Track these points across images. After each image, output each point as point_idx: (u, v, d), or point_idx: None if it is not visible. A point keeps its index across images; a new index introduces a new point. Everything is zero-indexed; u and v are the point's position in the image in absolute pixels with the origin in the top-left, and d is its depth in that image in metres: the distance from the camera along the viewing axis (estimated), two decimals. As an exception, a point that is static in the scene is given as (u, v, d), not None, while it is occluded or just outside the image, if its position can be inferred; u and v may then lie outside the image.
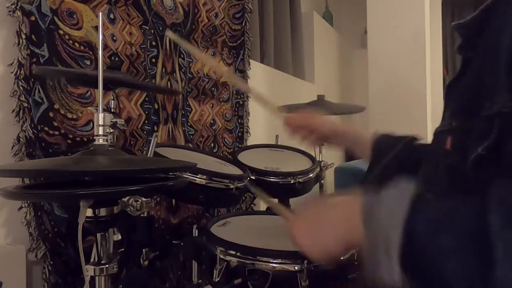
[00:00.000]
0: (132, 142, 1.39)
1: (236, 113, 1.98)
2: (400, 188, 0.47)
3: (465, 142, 0.48)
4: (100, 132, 0.72)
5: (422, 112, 2.07)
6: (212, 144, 1.82)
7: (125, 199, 0.78)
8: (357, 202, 0.49)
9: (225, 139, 1.90)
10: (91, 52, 1.24)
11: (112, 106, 0.94)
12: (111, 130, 0.77)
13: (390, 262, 0.43)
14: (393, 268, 0.43)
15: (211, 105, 1.81)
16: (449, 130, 0.54)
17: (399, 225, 0.43)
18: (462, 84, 0.56)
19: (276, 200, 0.71)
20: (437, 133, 0.60)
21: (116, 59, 1.34)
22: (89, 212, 0.70)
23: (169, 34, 1.44)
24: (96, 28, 1.25)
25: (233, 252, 0.90)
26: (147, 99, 1.46)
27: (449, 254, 0.40)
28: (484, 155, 0.44)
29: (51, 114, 1.13)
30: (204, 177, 1.07)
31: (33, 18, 1.08)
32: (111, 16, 1.34)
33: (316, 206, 0.59)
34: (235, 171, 1.29)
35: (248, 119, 2.05)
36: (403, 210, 0.43)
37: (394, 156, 0.78)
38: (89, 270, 0.74)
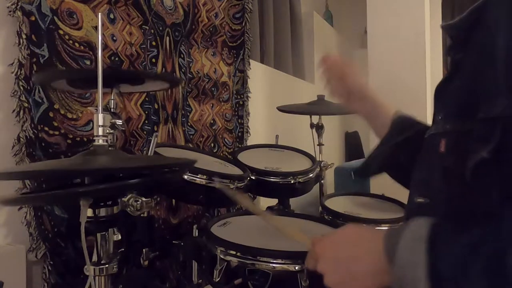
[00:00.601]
0: (132, 142, 1.39)
1: (236, 113, 1.98)
2: (413, 230, 0.47)
3: (463, 144, 0.48)
4: (100, 133, 0.72)
5: (422, 112, 2.07)
6: (212, 144, 1.82)
7: (125, 199, 0.78)
8: (380, 244, 0.49)
9: (225, 139, 1.90)
10: (91, 52, 1.24)
11: (112, 106, 0.94)
12: (111, 131, 0.77)
13: None
14: None
15: (211, 105, 1.81)
16: (443, 133, 0.54)
17: (423, 275, 0.43)
18: (455, 87, 0.55)
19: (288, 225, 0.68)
20: (429, 136, 0.60)
21: (116, 59, 1.34)
22: (89, 212, 0.70)
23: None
24: (96, 28, 1.25)
25: (233, 252, 0.90)
26: (147, 99, 1.46)
27: None
28: (487, 159, 0.44)
29: (51, 114, 1.13)
30: (204, 177, 1.07)
31: (33, 18, 1.08)
32: (111, 16, 1.34)
33: (339, 245, 0.56)
34: (235, 171, 1.29)
35: (248, 119, 2.05)
36: (422, 258, 0.44)
37: (403, 140, 0.77)
38: (89, 270, 0.74)
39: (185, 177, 1.05)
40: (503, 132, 0.43)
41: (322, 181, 1.66)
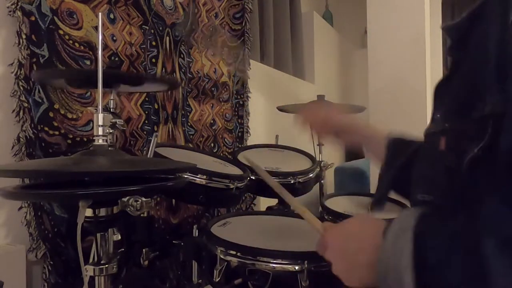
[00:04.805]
0: (132, 142, 1.39)
1: (236, 113, 1.98)
2: (401, 221, 0.49)
3: (460, 143, 0.49)
4: (100, 133, 0.72)
5: (422, 112, 2.07)
6: (212, 144, 1.82)
7: (125, 199, 0.78)
8: (378, 234, 0.51)
9: (225, 139, 1.90)
10: (91, 52, 1.24)
11: (112, 106, 0.94)
12: (111, 131, 0.77)
13: None
14: None
15: (211, 105, 1.81)
16: (442, 131, 0.55)
17: (409, 263, 0.44)
18: (454, 86, 0.56)
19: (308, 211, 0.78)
20: (429, 134, 0.61)
21: (116, 59, 1.34)
22: (89, 212, 0.70)
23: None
24: (96, 28, 1.25)
25: (233, 252, 0.90)
26: (147, 99, 1.46)
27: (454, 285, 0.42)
28: (479, 156, 0.45)
29: (51, 114, 1.13)
30: (204, 177, 1.07)
31: (33, 18, 1.08)
32: (111, 16, 1.33)
33: (347, 236, 0.59)
34: (235, 171, 1.29)
35: (248, 119, 2.05)
36: (409, 246, 0.45)
37: (406, 160, 0.76)
38: (88, 270, 0.74)
39: (185, 177, 1.05)
40: (493, 130, 0.44)
41: (322, 181, 1.66)
